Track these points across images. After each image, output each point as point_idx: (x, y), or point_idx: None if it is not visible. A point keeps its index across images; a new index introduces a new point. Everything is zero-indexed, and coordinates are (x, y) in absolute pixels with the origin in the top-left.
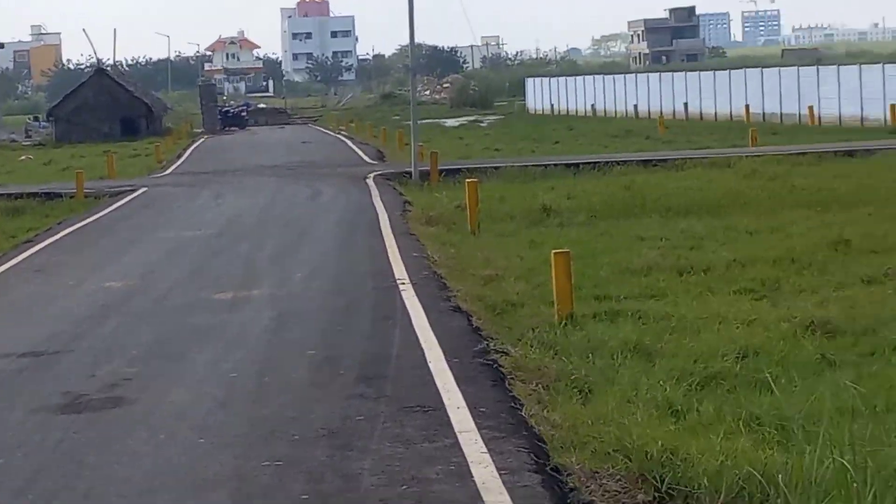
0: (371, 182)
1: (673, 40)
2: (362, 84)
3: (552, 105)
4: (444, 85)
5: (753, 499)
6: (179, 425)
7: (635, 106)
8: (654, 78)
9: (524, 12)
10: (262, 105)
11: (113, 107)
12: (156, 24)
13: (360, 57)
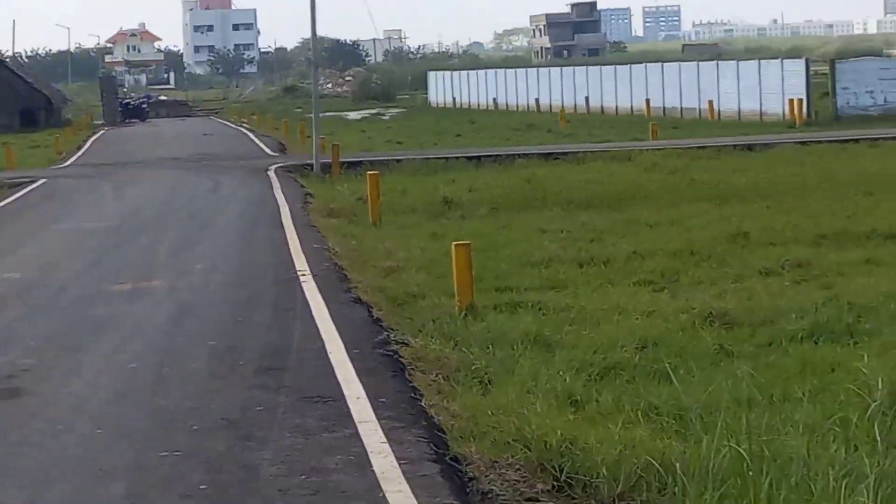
0: (272, 174)
1: (574, 35)
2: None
3: (454, 98)
4: (347, 78)
5: (651, 487)
6: (77, 416)
7: (537, 100)
8: (556, 72)
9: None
10: (164, 97)
11: (12, 98)
12: (56, 16)
13: (263, 50)
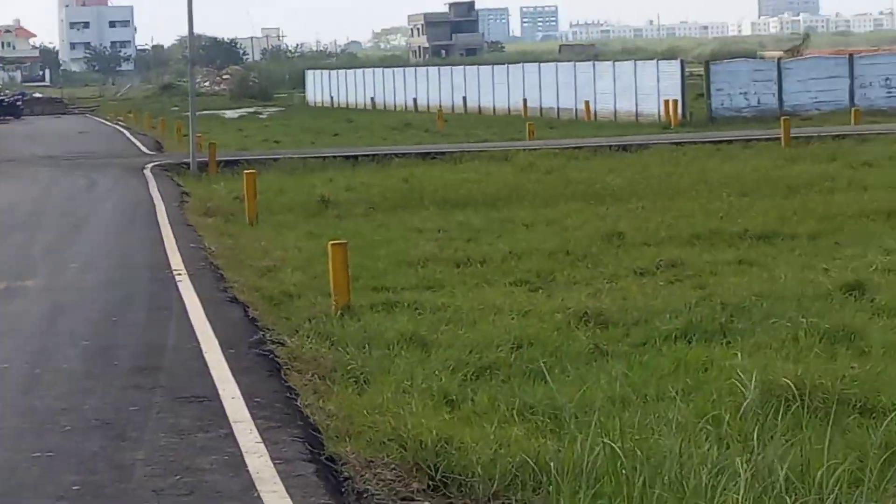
0: (149, 173)
1: (452, 34)
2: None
3: (332, 97)
4: (224, 76)
5: (526, 486)
6: None
7: (415, 99)
8: (434, 72)
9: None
10: (38, 94)
11: None
12: None
13: (139, 47)
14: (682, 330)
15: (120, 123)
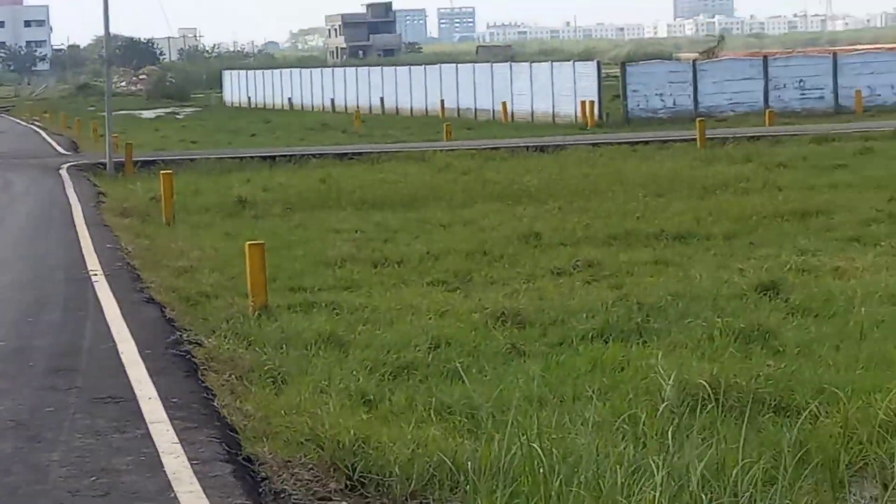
0: (65, 173)
1: (370, 35)
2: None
3: (249, 98)
4: (141, 76)
5: (443, 486)
6: None
7: (332, 100)
8: (351, 72)
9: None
10: None
11: None
12: None
13: (55, 47)
14: (599, 330)
15: (36, 123)
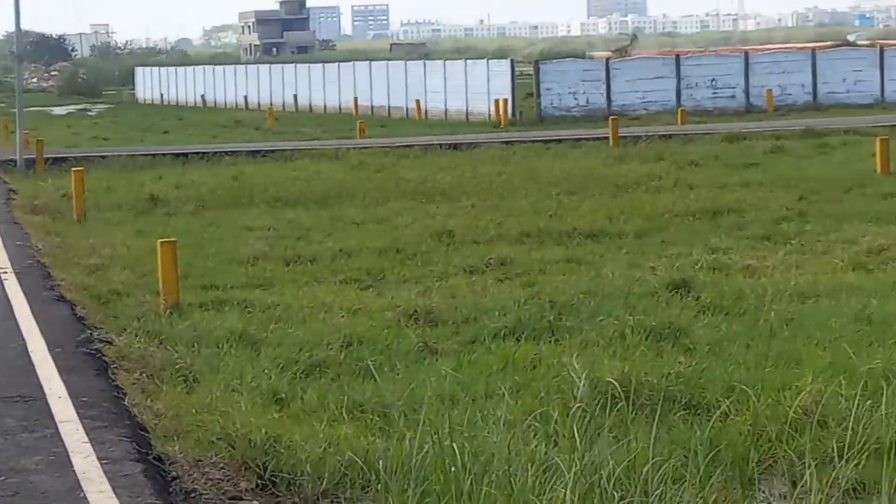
0: None
1: (284, 32)
2: None
3: (162, 95)
4: (53, 73)
5: (355, 484)
6: None
7: (245, 97)
8: (265, 69)
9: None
10: None
11: None
12: None
13: None
14: (511, 328)
15: None
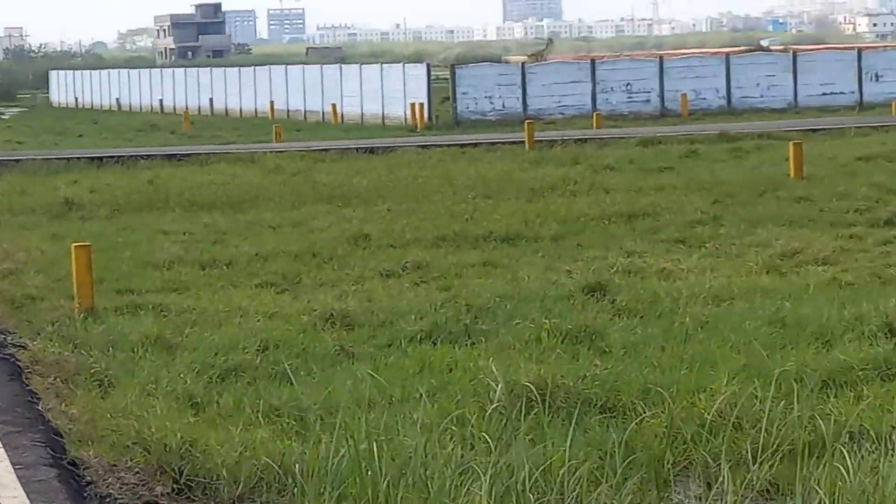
0: None
1: (199, 36)
2: None
3: (76, 98)
4: None
5: (272, 488)
6: None
7: (161, 101)
8: (180, 73)
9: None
10: None
11: None
12: None
13: None
14: (428, 331)
15: None
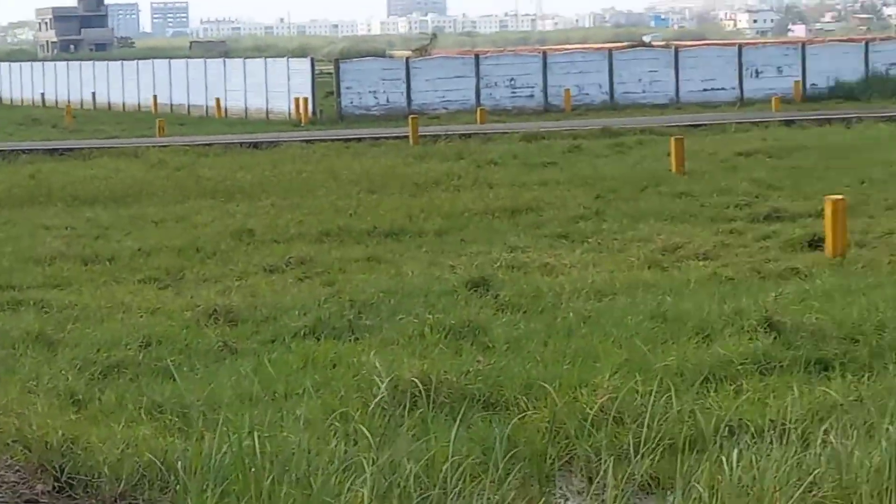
0: None
1: (82, 29)
2: None
3: None
4: None
5: (154, 485)
6: None
7: (42, 94)
8: (62, 67)
9: None
10: None
11: None
12: None
13: None
14: (311, 327)
15: None
